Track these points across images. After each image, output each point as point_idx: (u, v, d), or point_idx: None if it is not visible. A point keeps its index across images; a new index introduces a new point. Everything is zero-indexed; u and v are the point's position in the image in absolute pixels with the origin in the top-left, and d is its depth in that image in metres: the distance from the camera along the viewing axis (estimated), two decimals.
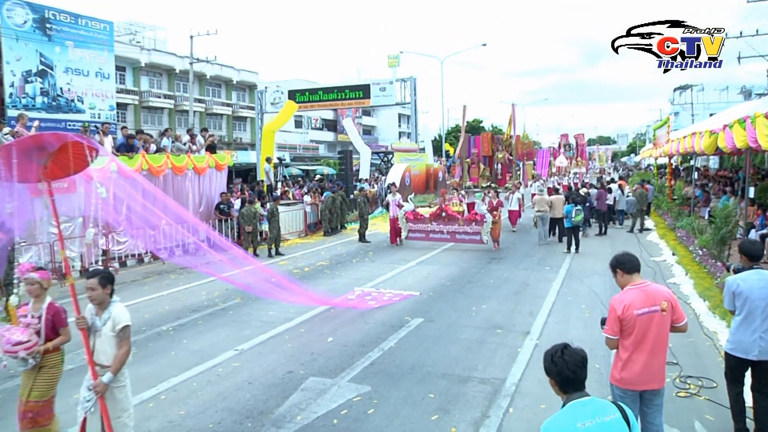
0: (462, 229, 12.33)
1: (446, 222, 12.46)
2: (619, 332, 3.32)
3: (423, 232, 12.75)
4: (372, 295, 8.09)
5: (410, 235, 12.84)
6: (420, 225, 12.77)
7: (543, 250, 12.52)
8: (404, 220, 12.84)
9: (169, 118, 35.36)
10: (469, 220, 12.27)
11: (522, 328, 6.66)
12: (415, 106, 26.34)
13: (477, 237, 12.17)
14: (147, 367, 5.63)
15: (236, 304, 8.10)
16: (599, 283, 8.94)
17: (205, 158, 13.65)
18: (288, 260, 11.99)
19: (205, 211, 13.70)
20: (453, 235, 12.42)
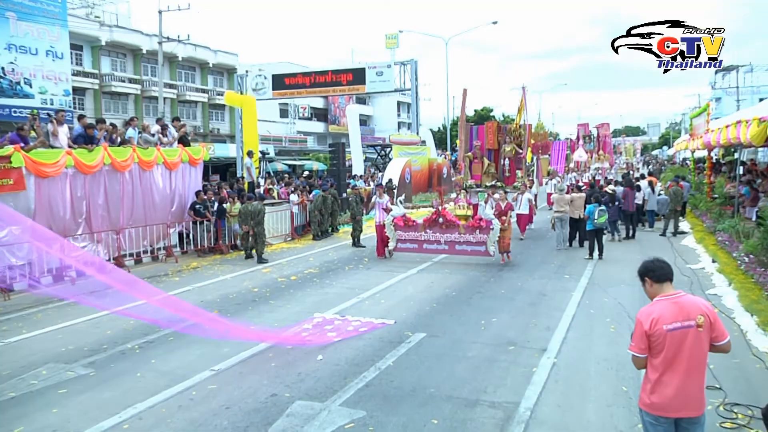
0: (463, 238, 11.44)
1: (444, 230, 11.57)
2: (646, 350, 3.29)
3: (415, 241, 11.84)
4: (334, 323, 7.40)
5: (399, 246, 12.00)
6: (411, 233, 11.87)
7: (562, 256, 12.51)
8: (392, 227, 11.99)
9: (135, 106, 35.21)
10: (472, 228, 11.40)
11: (538, 344, 6.64)
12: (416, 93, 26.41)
13: (482, 248, 11.31)
14: (108, 391, 5.59)
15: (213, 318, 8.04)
16: (626, 293, 8.93)
17: (178, 152, 13.61)
18: (272, 267, 11.96)
19: (177, 212, 13.67)
20: (452, 246, 11.54)
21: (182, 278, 11.04)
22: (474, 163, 16.51)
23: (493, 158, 16.68)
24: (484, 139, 16.92)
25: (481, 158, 16.51)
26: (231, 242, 14.16)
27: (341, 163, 21.01)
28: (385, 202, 12.47)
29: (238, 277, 10.98)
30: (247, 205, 12.90)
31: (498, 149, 16.67)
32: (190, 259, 13.04)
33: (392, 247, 12.05)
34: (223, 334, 6.54)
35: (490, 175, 16.39)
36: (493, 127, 16.94)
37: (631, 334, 3.42)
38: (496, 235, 11.23)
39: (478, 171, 16.46)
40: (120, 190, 12.03)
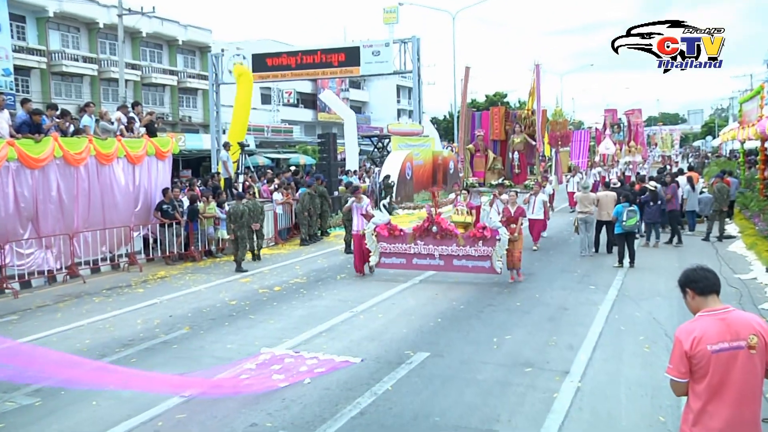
0: (463, 251, 10.55)
1: (439, 240, 10.67)
2: (687, 374, 3.24)
3: (403, 255, 10.92)
4: (284, 363, 6.66)
5: (383, 261, 11.08)
6: (398, 245, 10.91)
7: (586, 264, 12.50)
8: (374, 237, 11.06)
9: (92, 89, 34.98)
10: (474, 238, 10.49)
11: (559, 366, 6.61)
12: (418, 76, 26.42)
13: (486, 263, 10.42)
14: (58, 423, 5.53)
15: (183, 335, 8.04)
16: (663, 307, 8.90)
17: (142, 143, 13.57)
18: (252, 277, 11.92)
19: (142, 213, 13.63)
20: (449, 261, 10.67)
21: (147, 290, 10.98)
22: (476, 157, 15.26)
23: (499, 151, 15.52)
24: (489, 127, 15.50)
25: (485, 151, 15.22)
26: (205, 248, 14.12)
27: (332, 157, 21.01)
28: (365, 207, 11.57)
29: (213, 288, 10.94)
30: (238, 204, 12.81)
31: (506, 140, 15.28)
32: (156, 268, 12.99)
33: (374, 262, 11.11)
34: (122, 384, 5.86)
35: (496, 172, 15.10)
36: (500, 114, 15.52)
37: (669, 355, 3.38)
38: (504, 248, 10.36)
39: (481, 167, 15.19)
40: (74, 187, 11.96)
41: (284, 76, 28.31)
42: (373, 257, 11.13)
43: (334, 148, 21.61)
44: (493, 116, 15.62)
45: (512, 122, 15.32)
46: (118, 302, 9.98)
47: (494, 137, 15.56)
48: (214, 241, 14.40)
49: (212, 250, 14.35)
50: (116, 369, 6.29)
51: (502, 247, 10.38)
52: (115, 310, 9.42)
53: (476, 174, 15.25)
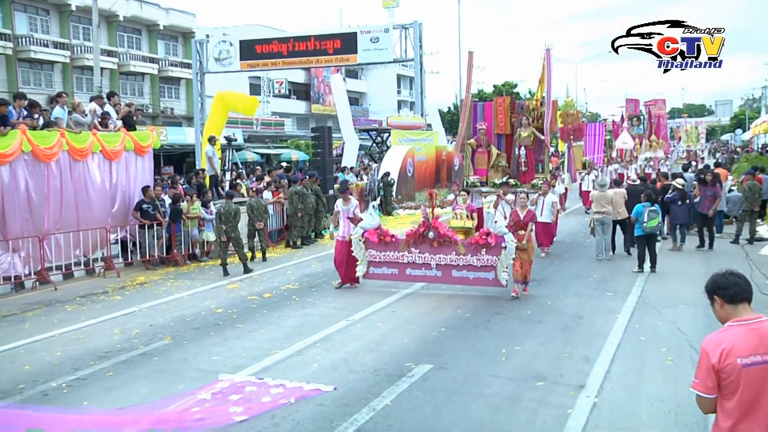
0: (463, 260, 10.11)
1: (436, 248, 10.23)
2: (715, 389, 3.22)
3: (395, 264, 10.50)
4: (245, 392, 6.30)
5: (372, 272, 10.66)
6: (390, 253, 10.48)
7: (603, 268, 12.49)
8: (361, 244, 10.67)
9: (64, 78, 34.93)
10: (476, 246, 10.02)
11: (573, 379, 6.60)
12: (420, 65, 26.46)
13: (489, 275, 10.01)
14: None
15: (164, 346, 8.02)
16: (687, 316, 8.89)
17: (120, 137, 13.56)
18: (241, 282, 11.92)
19: (119, 214, 13.61)
20: (447, 271, 10.24)
21: (125, 297, 10.96)
22: (478, 153, 14.71)
23: (504, 147, 15.03)
24: (493, 120, 14.96)
25: (488, 146, 14.67)
26: (188, 251, 14.11)
27: (327, 152, 20.98)
28: (352, 210, 11.09)
29: (197, 295, 10.92)
30: (228, 204, 12.85)
31: (512, 134, 14.71)
32: (135, 273, 12.98)
33: (361, 272, 10.67)
34: (33, 424, 5.45)
35: (500, 170, 14.58)
36: (505, 105, 14.93)
37: (694, 369, 3.36)
38: (511, 257, 9.87)
39: (483, 164, 14.65)
40: (44, 185, 11.93)
41: (275, 64, 28.34)
42: (360, 267, 10.63)
43: (329, 142, 21.58)
44: (497, 107, 15.03)
45: (519, 114, 14.68)
46: (93, 311, 9.95)
47: (498, 131, 14.97)
48: (199, 244, 14.38)
49: (196, 254, 14.34)
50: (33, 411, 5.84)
51: (509, 257, 9.85)
52: (89, 320, 9.39)
53: (478, 172, 14.68)
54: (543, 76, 14.62)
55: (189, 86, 38.47)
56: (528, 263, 10.18)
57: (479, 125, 14.81)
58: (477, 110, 15.45)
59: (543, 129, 14.28)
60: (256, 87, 48.29)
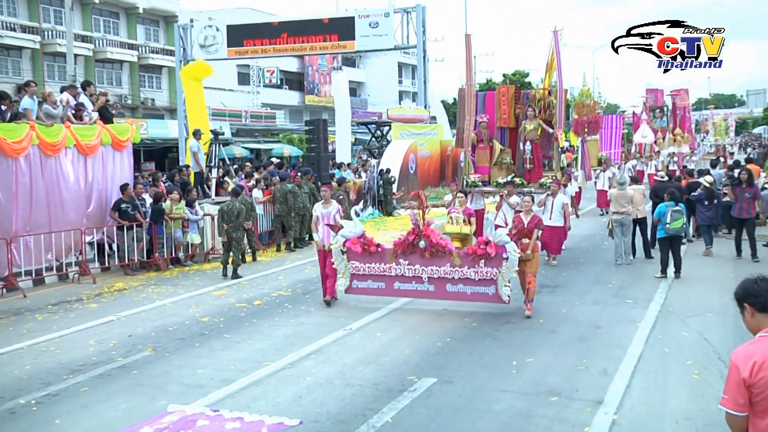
0: (459, 273, 9.56)
1: (428, 259, 9.71)
2: (746, 406, 3.22)
3: (381, 277, 9.99)
4: (195, 427, 5.98)
5: (356, 285, 10.16)
6: (375, 265, 9.99)
7: (623, 273, 12.49)
8: (343, 255, 10.15)
9: (34, 65, 34.88)
10: (473, 256, 9.50)
11: (591, 394, 6.60)
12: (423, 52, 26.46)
13: (489, 289, 9.51)
14: None
15: (145, 358, 8.02)
16: (715, 326, 8.89)
17: (96, 130, 13.55)
18: (228, 289, 11.93)
19: (96, 214, 13.60)
20: (441, 286, 9.73)
21: (102, 304, 10.95)
22: (479, 149, 14.38)
23: (508, 141, 14.57)
24: (495, 111, 14.52)
25: (490, 141, 14.31)
26: (171, 255, 14.11)
27: (322, 147, 20.99)
28: (332, 214, 10.53)
29: (181, 302, 10.92)
30: (233, 202, 12.95)
31: (516, 127, 14.31)
32: (113, 279, 12.98)
33: (343, 286, 10.18)
34: None
35: (504, 168, 14.24)
36: (509, 94, 14.46)
37: (723, 384, 3.35)
38: (513, 269, 9.33)
39: (485, 161, 14.30)
40: (12, 182, 11.91)
41: (265, 52, 28.34)
42: (341, 280, 10.13)
43: (325, 137, 21.58)
44: (500, 97, 14.54)
45: (524, 105, 14.20)
46: (66, 320, 9.93)
47: (502, 124, 14.53)
48: (183, 247, 14.38)
49: (180, 258, 14.34)
50: None
51: (511, 269, 9.31)
52: (62, 330, 9.37)
53: (479, 170, 14.32)
54: (552, 62, 14.30)
55: (171, 75, 38.47)
56: (532, 275, 9.51)
57: (480, 118, 14.40)
58: (477, 101, 14.98)
59: (552, 121, 13.94)
60: (245, 76, 48.39)
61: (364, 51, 31.76)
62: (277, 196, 15.95)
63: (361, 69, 63.49)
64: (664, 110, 35.26)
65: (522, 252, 9.41)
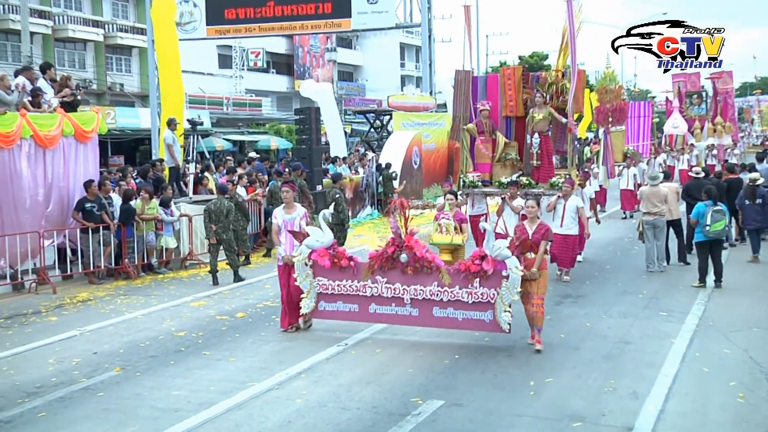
0: (449, 293, 8.84)
1: (411, 276, 9.00)
2: None
3: (354, 298, 9.32)
4: None
5: (323, 307, 9.50)
6: (347, 282, 9.33)
7: (655, 282, 12.49)
8: (307, 270, 9.45)
9: None
10: (466, 273, 8.75)
11: (619, 419, 6.59)
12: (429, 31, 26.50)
13: (486, 315, 8.75)
14: None
15: (112, 379, 8.00)
16: (762, 342, 8.88)
17: (56, 120, 13.52)
18: (208, 299, 11.93)
19: (56, 215, 13.59)
20: (426, 309, 9.01)
21: (63, 317, 10.93)
22: (479, 142, 13.87)
23: (513, 134, 14.09)
24: (500, 98, 13.98)
25: (492, 133, 13.71)
26: (143, 261, 14.11)
27: (314, 139, 20.97)
28: (297, 220, 9.86)
29: (153, 315, 10.92)
30: (220, 200, 13.02)
31: (524, 117, 13.71)
32: (76, 288, 12.99)
33: (308, 308, 9.51)
34: None
35: (509, 165, 13.73)
36: (515, 77, 13.85)
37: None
38: (515, 290, 8.56)
39: (486, 156, 13.81)
40: None
41: (249, 30, 28.41)
42: (306, 301, 9.45)
43: (317, 127, 21.57)
44: (504, 81, 13.91)
45: (533, 90, 13.60)
46: (22, 335, 9.89)
47: (507, 112, 14.02)
48: (156, 252, 14.38)
49: (153, 265, 14.34)
50: None
51: (512, 290, 8.53)
52: (17, 347, 9.33)
53: (479, 167, 13.85)
54: (565, 38, 13.78)
55: (143, 57, 38.47)
56: (539, 297, 8.77)
57: (480, 105, 13.80)
58: (478, 86, 14.45)
59: (565, 109, 13.36)
60: (226, 59, 48.46)
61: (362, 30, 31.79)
62: (277, 195, 15.84)
63: (359, 51, 63.56)
64: (703, 96, 34.85)
65: (526, 269, 8.64)
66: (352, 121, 44.94)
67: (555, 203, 12.69)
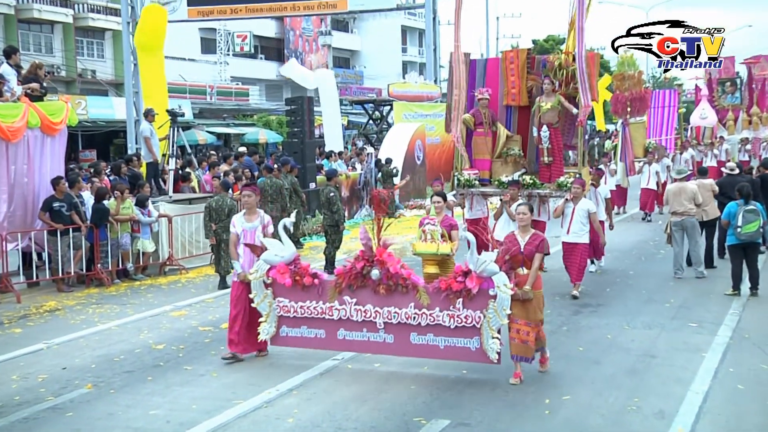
0: (427, 317, 8.33)
1: (384, 297, 8.50)
2: None
3: (319, 322, 8.83)
4: None
5: (285, 333, 9.03)
6: (312, 304, 8.84)
7: (684, 289, 12.48)
8: (266, 289, 8.96)
9: None
10: (447, 293, 8.25)
11: None
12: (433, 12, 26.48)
13: (471, 342, 8.26)
14: None
15: (83, 396, 7.98)
16: None
17: (20, 110, 13.51)
18: (189, 308, 11.93)
19: (19, 216, 13.59)
20: (402, 335, 8.51)
21: (29, 329, 10.91)
22: (476, 135, 13.36)
23: (516, 126, 13.69)
24: (500, 85, 13.64)
25: (492, 125, 13.29)
26: (118, 265, 14.10)
27: (307, 133, 20.95)
28: (259, 229, 9.45)
29: (130, 326, 10.90)
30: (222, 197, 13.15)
31: (529, 106, 13.33)
32: (43, 296, 12.98)
33: (267, 334, 9.02)
34: None
35: (511, 161, 13.27)
36: (519, 62, 13.43)
37: None
38: (504, 313, 8.00)
39: (485, 151, 13.31)
40: None
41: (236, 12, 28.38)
42: (265, 325, 8.97)
43: (310, 118, 21.51)
44: (506, 65, 13.55)
45: (539, 76, 13.24)
46: None
47: (509, 101, 13.60)
48: (132, 257, 14.36)
49: (128, 270, 14.32)
50: None
51: (500, 313, 8.00)
52: None
53: (477, 164, 13.40)
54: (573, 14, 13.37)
55: (117, 40, 38.31)
56: (535, 323, 8.21)
57: (478, 93, 13.34)
58: (476, 70, 14.03)
59: (576, 97, 12.86)
60: (209, 43, 48.48)
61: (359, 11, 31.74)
62: (268, 192, 15.85)
63: (356, 34, 63.58)
64: (737, 83, 34.45)
65: (517, 288, 8.11)
66: (349, 113, 44.90)
67: (563, 207, 12.27)
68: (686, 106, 32.97)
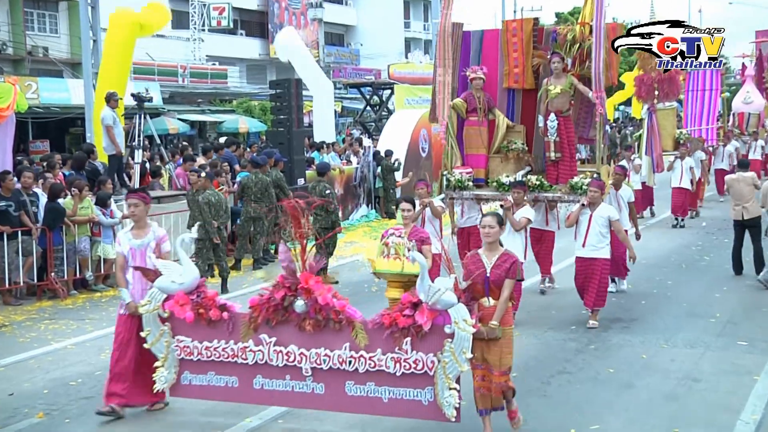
0: (366, 361, 7.51)
1: (311, 336, 7.71)
2: None
3: (230, 367, 8.00)
4: None
5: (188, 380, 8.15)
6: (219, 343, 8.01)
7: (731, 301, 12.51)
8: (162, 326, 8.09)
9: None
10: (392, 331, 7.41)
11: None
12: None
13: (423, 395, 7.42)
14: None
15: (34, 427, 7.99)
16: None
17: None
18: None
19: None
20: (335, 384, 7.67)
21: None
22: (469, 125, 12.76)
23: (519, 114, 13.14)
24: (500, 63, 13.06)
25: (488, 111, 12.67)
26: (75, 274, 14.11)
27: (294, 121, 20.97)
28: (153, 245, 8.79)
29: (89, 344, 10.92)
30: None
31: (535, 90, 12.73)
32: None
33: (166, 382, 8.13)
34: None
35: (513, 157, 12.67)
36: (524, 33, 12.86)
37: None
38: (464, 357, 7.18)
39: (479, 145, 12.73)
40: None
41: None
42: (162, 371, 8.11)
43: (298, 104, 21.51)
44: (508, 38, 12.94)
45: (547, 53, 12.60)
46: None
47: (510, 84, 13.00)
48: (91, 264, 14.36)
49: (87, 280, 14.31)
50: None
51: (459, 357, 7.20)
52: None
53: (469, 160, 12.81)
54: None
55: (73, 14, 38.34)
56: (501, 370, 7.42)
57: (471, 72, 12.65)
58: (470, 44, 13.26)
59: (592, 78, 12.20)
60: (182, 16, 48.34)
61: None
62: (252, 190, 15.85)
63: (351, 7, 63.70)
64: None
65: (481, 324, 7.33)
66: (343, 97, 45.00)
67: (577, 214, 11.56)
68: (732, 89, 32.75)
